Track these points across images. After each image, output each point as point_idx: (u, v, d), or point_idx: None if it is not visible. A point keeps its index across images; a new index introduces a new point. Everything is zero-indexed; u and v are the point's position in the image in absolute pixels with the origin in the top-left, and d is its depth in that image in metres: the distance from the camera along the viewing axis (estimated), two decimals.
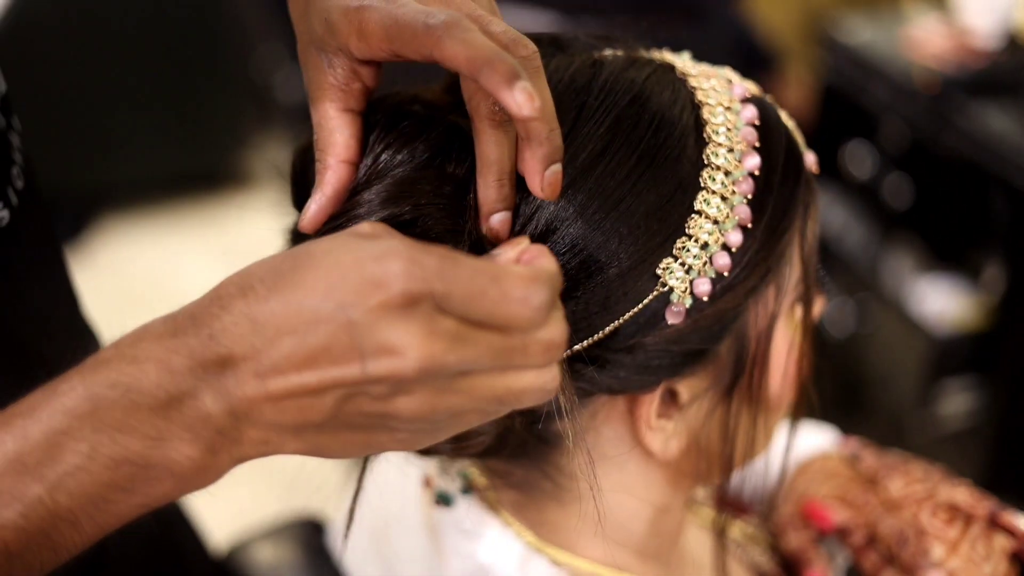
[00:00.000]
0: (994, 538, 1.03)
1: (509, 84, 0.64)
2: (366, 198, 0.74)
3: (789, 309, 0.85)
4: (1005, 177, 2.17)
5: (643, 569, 0.90)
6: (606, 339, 0.76)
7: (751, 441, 0.87)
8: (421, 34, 0.67)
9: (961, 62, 2.43)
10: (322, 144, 0.74)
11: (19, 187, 0.89)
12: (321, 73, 0.74)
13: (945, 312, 2.31)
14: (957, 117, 2.28)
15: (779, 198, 0.81)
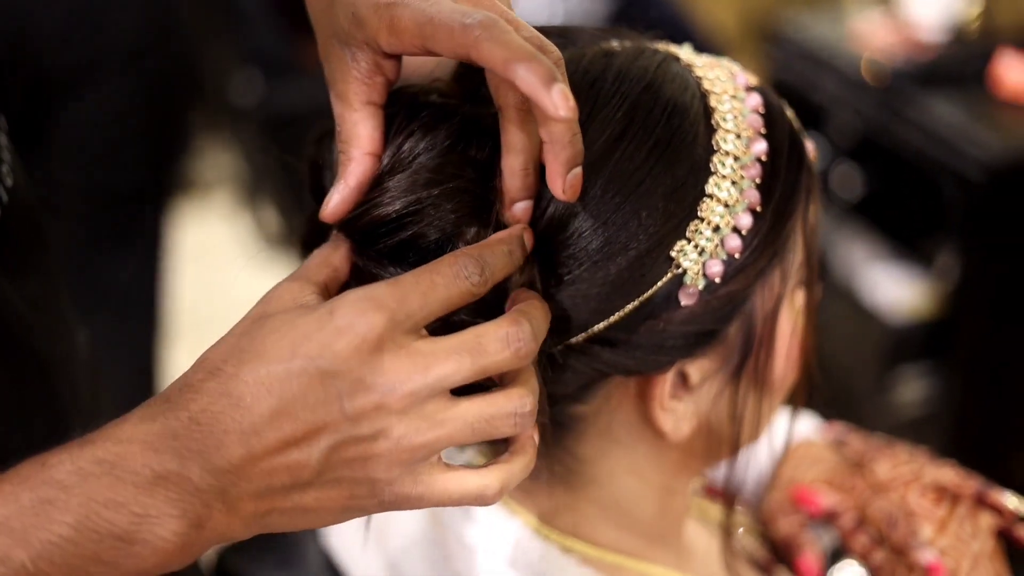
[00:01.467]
0: (980, 516, 1.06)
1: (547, 86, 0.66)
2: (392, 185, 0.75)
3: (791, 293, 0.87)
4: (955, 166, 2.21)
5: (651, 553, 0.91)
6: (622, 320, 0.78)
7: (756, 422, 0.89)
8: (457, 33, 0.67)
9: (907, 55, 2.47)
10: (345, 136, 0.75)
11: (8, 184, 0.89)
12: (344, 66, 0.74)
13: (899, 300, 2.34)
14: (907, 108, 2.31)
15: (785, 182, 0.83)
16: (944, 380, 2.34)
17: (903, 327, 2.33)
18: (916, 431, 2.33)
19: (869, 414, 2.35)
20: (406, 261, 0.76)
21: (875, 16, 2.68)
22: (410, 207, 0.75)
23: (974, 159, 2.17)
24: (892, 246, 2.42)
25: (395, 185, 0.75)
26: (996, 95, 2.34)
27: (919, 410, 2.36)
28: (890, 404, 2.35)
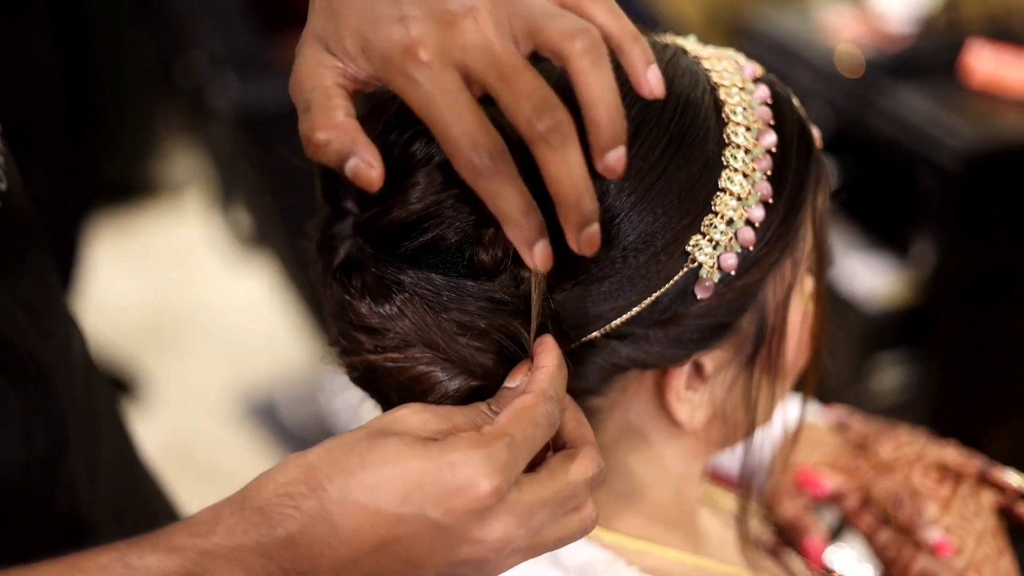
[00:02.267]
0: (982, 494, 1.07)
1: (647, 64, 0.70)
2: (408, 187, 0.75)
3: (800, 280, 0.88)
4: (929, 155, 2.23)
5: (667, 538, 0.93)
6: (639, 316, 0.79)
7: (769, 407, 0.91)
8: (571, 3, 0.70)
9: (877, 46, 2.49)
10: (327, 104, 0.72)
11: (3, 188, 0.89)
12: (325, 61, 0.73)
13: (875, 289, 2.36)
14: (881, 99, 2.33)
15: (795, 173, 0.84)
16: (921, 367, 2.36)
17: (880, 316, 2.35)
18: (894, 418, 2.34)
19: (848, 402, 2.36)
20: (424, 264, 0.77)
21: (843, 8, 2.70)
22: (429, 209, 0.75)
23: (948, 148, 2.19)
24: (868, 236, 2.44)
25: (420, 183, 0.75)
26: (967, 85, 2.37)
27: (897, 397, 2.38)
28: (868, 392, 2.37)
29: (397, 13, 0.69)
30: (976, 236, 2.27)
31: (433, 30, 0.69)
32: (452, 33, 0.69)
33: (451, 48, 0.69)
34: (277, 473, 0.69)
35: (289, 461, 0.70)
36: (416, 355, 0.76)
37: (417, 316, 0.76)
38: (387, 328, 0.77)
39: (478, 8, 0.69)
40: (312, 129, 0.71)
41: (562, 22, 0.69)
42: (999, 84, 2.34)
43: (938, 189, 2.23)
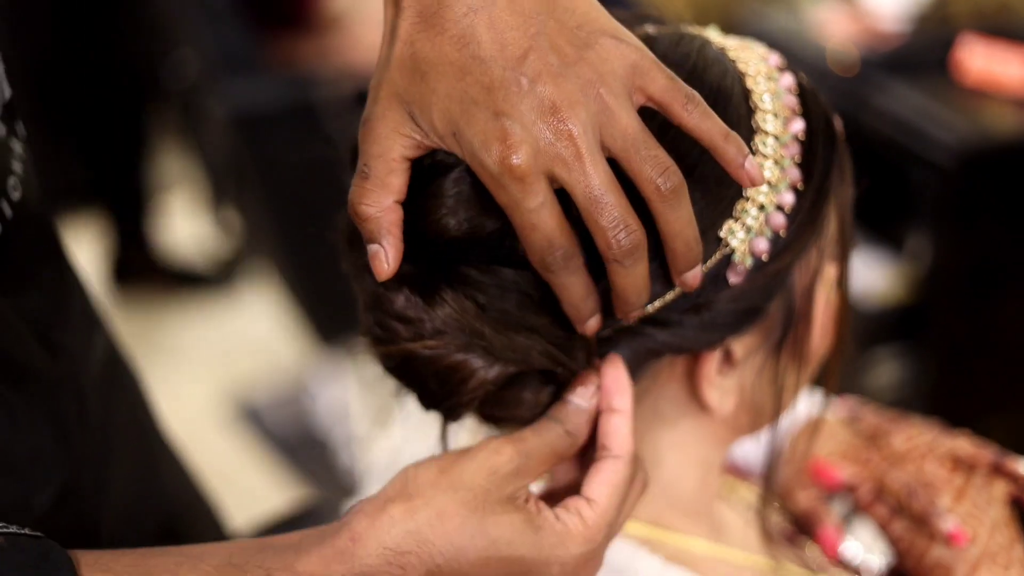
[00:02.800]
0: (994, 484, 1.08)
1: (743, 159, 0.74)
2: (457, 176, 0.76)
3: (825, 267, 0.89)
4: (924, 152, 2.24)
5: (691, 527, 0.93)
6: (674, 301, 0.80)
7: (793, 393, 0.91)
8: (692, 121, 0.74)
9: (870, 44, 2.50)
10: (381, 181, 0.75)
11: (15, 199, 0.88)
12: (405, 128, 0.74)
13: (871, 286, 2.37)
14: (876, 96, 2.34)
15: (822, 160, 0.85)
16: (917, 363, 2.38)
17: (876, 312, 2.36)
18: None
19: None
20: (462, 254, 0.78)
21: (835, 6, 2.71)
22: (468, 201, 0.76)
23: (942, 145, 2.20)
24: (863, 233, 2.45)
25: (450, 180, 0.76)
26: (960, 81, 2.38)
27: (893, 393, 2.39)
28: (864, 387, 2.38)
29: (491, 108, 0.70)
30: (971, 232, 2.28)
31: (528, 138, 0.70)
32: (546, 149, 0.70)
33: (543, 158, 0.71)
34: (383, 531, 0.73)
35: (395, 519, 0.74)
36: (454, 342, 0.77)
37: (457, 304, 0.76)
38: (425, 316, 0.77)
39: (573, 130, 0.71)
40: (360, 200, 0.75)
41: (648, 164, 0.72)
42: (992, 80, 2.35)
43: (933, 185, 2.25)
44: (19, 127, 0.92)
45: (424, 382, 0.80)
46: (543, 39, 0.71)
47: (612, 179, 0.72)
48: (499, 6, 0.71)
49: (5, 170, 0.88)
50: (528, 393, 0.81)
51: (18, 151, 0.91)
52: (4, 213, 0.86)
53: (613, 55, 0.72)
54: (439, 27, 0.72)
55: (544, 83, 0.70)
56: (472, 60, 0.71)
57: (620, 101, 0.71)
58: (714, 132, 0.74)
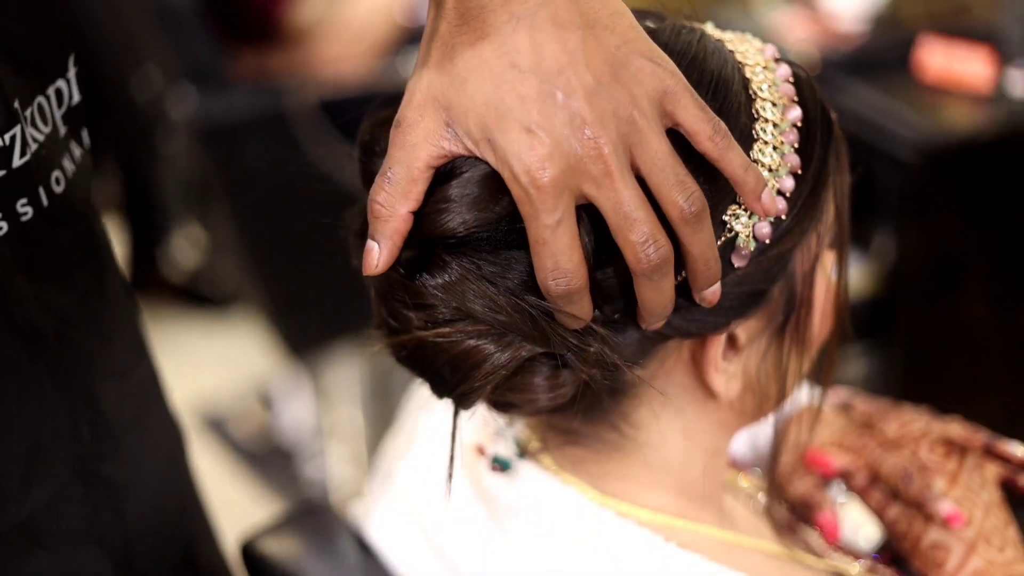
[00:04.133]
0: (986, 467, 1.10)
1: (760, 190, 0.78)
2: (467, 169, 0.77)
3: (823, 253, 0.91)
4: (887, 150, 2.27)
5: (699, 514, 0.95)
6: (680, 285, 0.81)
7: (797, 378, 0.93)
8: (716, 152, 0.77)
9: (830, 45, 2.54)
10: (399, 189, 0.77)
11: (56, 191, 0.90)
12: (436, 133, 0.76)
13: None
14: (838, 96, 2.37)
15: (820, 146, 0.88)
16: (884, 358, 2.41)
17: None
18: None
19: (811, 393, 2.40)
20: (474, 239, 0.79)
21: (792, 9, 2.75)
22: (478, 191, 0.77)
23: (905, 142, 2.24)
24: None
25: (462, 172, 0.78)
26: (920, 80, 2.42)
27: (861, 388, 2.41)
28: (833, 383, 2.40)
29: (525, 118, 0.72)
30: (933, 228, 2.31)
31: (559, 153, 0.72)
32: (576, 165, 0.73)
33: (573, 174, 0.73)
34: None
35: None
36: (467, 328, 0.78)
37: (477, 285, 0.78)
38: (438, 301, 0.78)
39: (604, 148, 0.73)
40: (377, 198, 0.77)
41: (676, 189, 0.75)
42: (951, 79, 2.39)
43: (896, 183, 2.28)
44: (84, 135, 0.95)
45: (437, 370, 0.82)
46: (581, 55, 0.73)
47: (642, 196, 0.74)
48: (541, 17, 0.73)
49: (53, 163, 0.90)
50: (540, 378, 0.83)
51: (76, 154, 0.93)
52: (41, 200, 0.88)
53: (648, 78, 0.74)
54: (480, 32, 0.73)
55: (578, 99, 0.72)
56: (510, 69, 0.73)
57: (651, 124, 0.74)
58: (736, 164, 0.77)
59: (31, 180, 0.87)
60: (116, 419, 1.01)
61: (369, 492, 1.16)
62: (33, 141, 0.86)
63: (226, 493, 2.93)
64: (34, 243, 0.89)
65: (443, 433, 0.91)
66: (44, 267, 0.91)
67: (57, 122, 0.90)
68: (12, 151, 0.84)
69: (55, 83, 0.90)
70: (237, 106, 2.68)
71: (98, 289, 1.00)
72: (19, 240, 0.87)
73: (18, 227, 0.87)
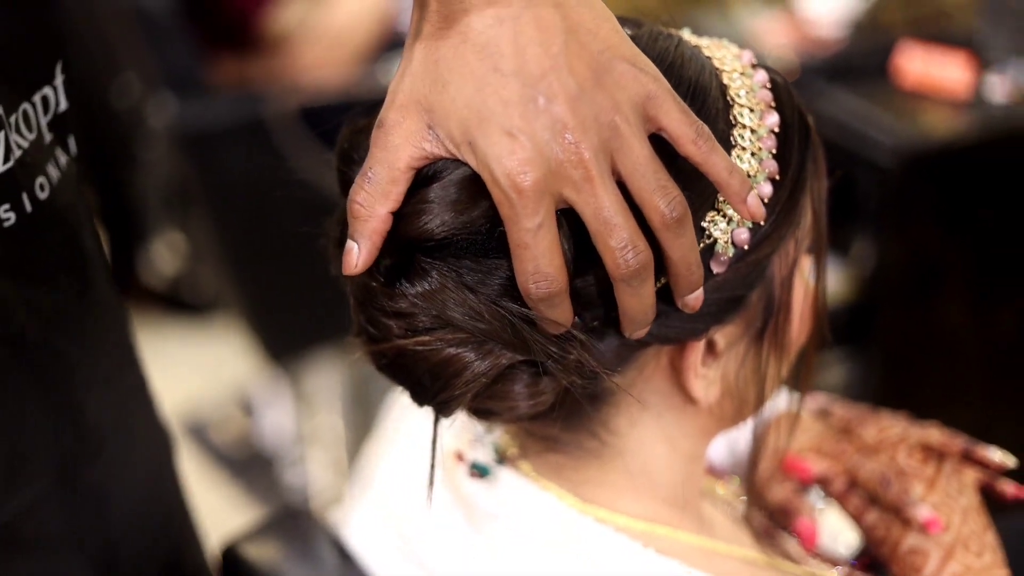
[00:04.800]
0: (964, 472, 1.10)
1: (746, 193, 0.78)
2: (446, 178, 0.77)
3: (801, 258, 0.91)
4: (867, 155, 2.27)
5: (678, 521, 0.94)
6: (660, 291, 0.81)
7: (774, 384, 0.93)
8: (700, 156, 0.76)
9: (808, 51, 2.55)
10: (379, 189, 0.77)
11: (40, 197, 0.90)
12: (417, 135, 0.76)
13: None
14: (818, 101, 2.38)
15: (797, 152, 0.88)
16: (863, 364, 2.41)
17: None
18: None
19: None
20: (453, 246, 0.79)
21: (772, 15, 2.75)
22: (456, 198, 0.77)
23: (884, 147, 2.24)
24: None
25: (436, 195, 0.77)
26: (899, 85, 2.42)
27: (840, 394, 2.41)
28: (811, 388, 2.40)
29: (507, 122, 0.72)
30: (912, 233, 2.31)
31: (540, 158, 0.72)
32: (556, 170, 0.73)
33: (554, 179, 0.73)
34: None
35: None
36: (446, 336, 0.78)
37: (456, 294, 0.78)
38: (417, 310, 0.78)
39: (585, 154, 0.73)
40: (356, 198, 0.78)
41: (657, 193, 0.75)
42: (930, 84, 2.40)
43: (875, 188, 2.28)
44: (71, 142, 0.95)
45: (417, 378, 0.81)
46: (563, 59, 0.73)
47: (622, 202, 0.74)
48: (524, 20, 0.73)
49: (37, 169, 0.90)
50: (520, 386, 0.82)
51: (62, 161, 0.93)
52: (24, 206, 0.88)
53: (630, 83, 0.74)
54: (463, 34, 0.73)
55: (560, 104, 0.72)
56: (492, 72, 0.72)
57: (633, 129, 0.74)
58: (720, 167, 0.77)
59: (15, 186, 0.87)
60: (99, 425, 1.01)
61: (349, 498, 1.16)
62: (17, 147, 0.86)
63: (207, 499, 2.92)
64: (17, 248, 0.89)
65: (422, 439, 0.91)
66: (27, 271, 0.91)
67: (43, 129, 0.90)
68: None
69: (41, 90, 0.90)
70: (216, 113, 2.68)
71: (83, 295, 1.00)
72: (2, 245, 0.87)
73: (1, 232, 0.86)
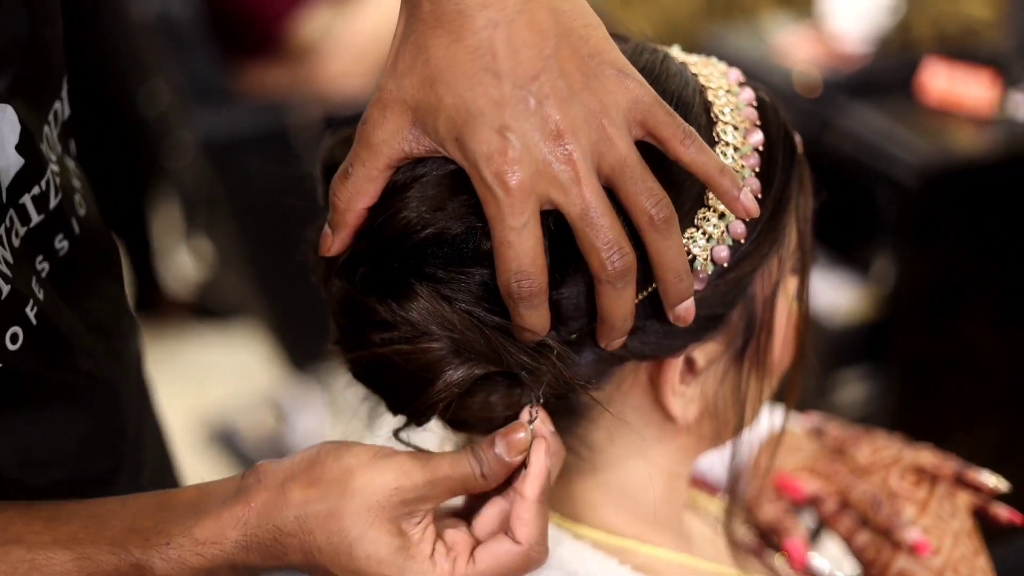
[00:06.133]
0: (957, 495, 1.09)
1: (738, 191, 0.77)
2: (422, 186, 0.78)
3: (785, 279, 0.91)
4: (888, 172, 2.26)
5: (657, 537, 0.94)
6: (637, 307, 0.80)
7: (756, 405, 0.93)
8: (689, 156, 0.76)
9: (833, 66, 2.53)
10: (357, 188, 0.78)
11: (81, 214, 0.91)
12: (399, 132, 0.76)
13: (837, 306, 2.39)
14: (839, 118, 2.37)
15: (781, 170, 0.87)
16: (882, 382, 2.39)
17: (841, 332, 2.37)
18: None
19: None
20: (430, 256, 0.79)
21: (798, 29, 2.74)
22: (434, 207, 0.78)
23: (906, 165, 2.22)
24: (828, 253, 2.47)
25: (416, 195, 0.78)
26: (923, 102, 2.40)
27: (859, 411, 2.41)
28: (831, 406, 2.39)
29: (496, 121, 0.73)
30: (934, 251, 2.30)
31: (528, 157, 0.72)
32: (544, 170, 0.73)
33: (541, 179, 0.73)
34: (276, 511, 0.78)
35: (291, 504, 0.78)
36: (421, 345, 0.78)
37: (430, 303, 0.78)
38: (395, 320, 0.78)
39: (573, 151, 0.73)
40: (335, 192, 0.79)
41: (643, 195, 0.75)
42: (953, 101, 2.38)
43: (896, 205, 2.27)
44: (71, 145, 0.95)
45: (392, 386, 0.82)
46: (555, 62, 0.73)
47: (608, 203, 0.74)
48: (519, 23, 0.73)
49: (70, 187, 0.91)
50: (494, 397, 0.82)
51: (72, 168, 0.94)
52: (73, 229, 0.90)
53: (618, 88, 0.74)
54: (455, 34, 0.73)
55: (551, 106, 0.72)
56: (484, 72, 0.73)
57: (620, 132, 0.74)
58: (710, 167, 0.77)
59: (63, 214, 0.88)
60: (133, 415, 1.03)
61: None
62: (56, 176, 0.87)
63: None
64: (70, 271, 0.90)
65: None
66: (80, 290, 0.92)
67: (56, 144, 0.90)
68: (48, 195, 0.85)
69: (53, 106, 0.90)
70: (241, 121, 2.69)
71: (120, 292, 1.02)
72: (59, 273, 0.88)
73: (57, 262, 0.88)
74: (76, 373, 0.89)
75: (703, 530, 1.04)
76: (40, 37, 0.84)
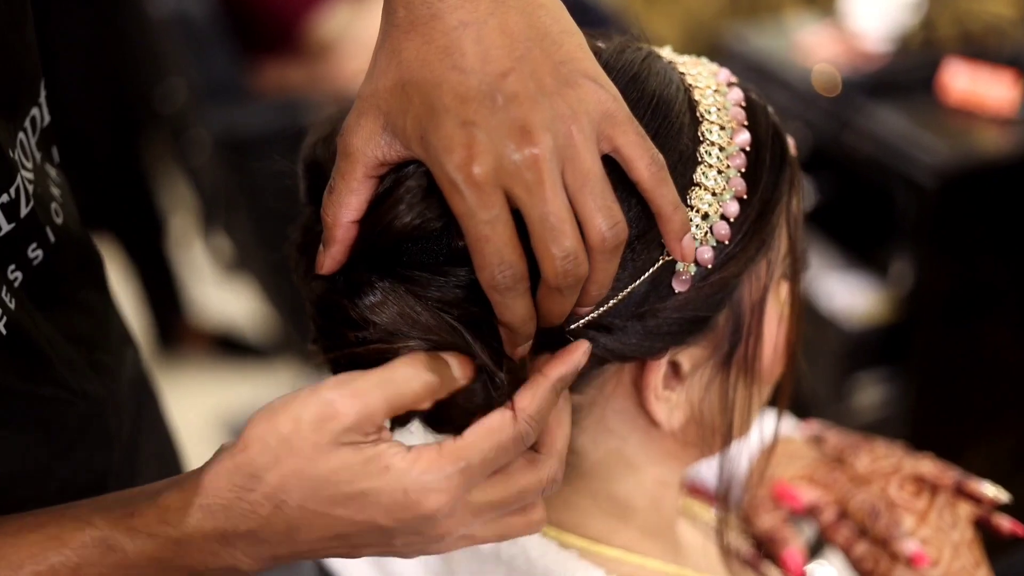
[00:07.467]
0: (958, 506, 1.08)
1: (682, 234, 0.77)
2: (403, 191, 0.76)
3: (776, 284, 0.89)
4: (907, 173, 2.24)
5: (646, 547, 0.93)
6: (618, 306, 0.80)
7: (746, 413, 0.91)
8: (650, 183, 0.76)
9: (854, 65, 2.51)
10: (340, 200, 0.77)
11: (58, 223, 0.90)
12: (375, 140, 0.75)
13: (854, 308, 2.37)
14: (858, 118, 2.35)
15: (769, 172, 0.85)
16: (900, 385, 2.37)
17: (859, 334, 2.36)
18: (874, 435, 2.35)
19: (828, 419, 2.37)
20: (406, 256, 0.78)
21: (820, 28, 2.72)
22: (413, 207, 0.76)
23: (925, 165, 2.20)
24: (846, 254, 2.45)
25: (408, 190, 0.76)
26: (943, 103, 2.38)
27: (876, 414, 2.39)
28: (848, 409, 2.38)
29: (463, 115, 0.71)
30: (953, 253, 2.28)
31: (493, 153, 0.70)
32: (508, 166, 0.71)
33: (504, 174, 0.71)
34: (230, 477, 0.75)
35: (239, 464, 0.74)
36: (399, 345, 0.77)
37: (401, 303, 0.77)
38: (370, 319, 0.77)
39: (540, 155, 0.71)
40: (324, 209, 0.78)
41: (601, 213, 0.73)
42: (975, 102, 2.35)
43: (915, 207, 2.24)
44: (54, 152, 0.94)
45: None
46: (526, 64, 0.72)
47: (569, 210, 0.72)
48: (490, 26, 0.72)
49: (47, 196, 0.90)
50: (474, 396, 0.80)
51: (53, 176, 0.93)
52: (48, 238, 0.89)
53: (590, 97, 0.73)
54: (427, 36, 0.72)
55: (519, 104, 0.71)
56: (452, 70, 0.71)
57: (588, 143, 0.72)
58: (667, 199, 0.76)
59: (37, 223, 0.87)
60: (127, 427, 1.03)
61: None
62: (28, 183, 0.86)
63: None
64: (46, 281, 0.89)
65: None
66: (58, 300, 0.91)
67: (34, 151, 0.89)
68: (18, 203, 0.84)
69: (30, 113, 0.89)
70: (258, 119, 2.69)
71: (106, 303, 1.01)
72: (34, 283, 0.87)
73: (31, 271, 0.87)
74: (54, 385, 0.88)
75: (696, 539, 1.03)
76: (6, 43, 0.83)
